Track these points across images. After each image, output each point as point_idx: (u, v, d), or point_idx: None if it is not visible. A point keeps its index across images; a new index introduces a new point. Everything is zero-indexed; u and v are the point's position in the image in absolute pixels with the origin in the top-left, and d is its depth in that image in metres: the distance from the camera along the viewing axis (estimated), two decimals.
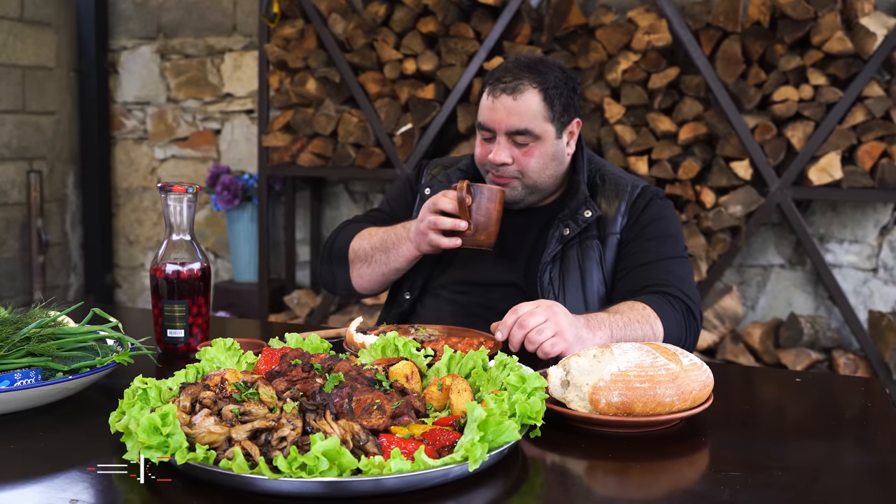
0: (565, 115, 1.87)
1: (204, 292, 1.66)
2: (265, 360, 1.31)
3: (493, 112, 1.83)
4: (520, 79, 1.82)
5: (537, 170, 1.86)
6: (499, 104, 1.82)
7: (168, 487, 1.03)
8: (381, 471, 0.96)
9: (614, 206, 1.90)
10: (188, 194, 1.63)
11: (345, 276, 2.00)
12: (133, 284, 4.62)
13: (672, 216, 1.92)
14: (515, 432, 1.06)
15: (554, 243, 1.87)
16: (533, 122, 1.82)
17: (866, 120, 3.14)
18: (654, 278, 1.79)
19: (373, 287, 1.99)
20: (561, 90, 1.85)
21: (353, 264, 1.97)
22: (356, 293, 2.02)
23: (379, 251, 1.91)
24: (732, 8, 3.19)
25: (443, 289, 1.98)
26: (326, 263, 2.04)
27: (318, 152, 3.71)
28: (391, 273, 1.93)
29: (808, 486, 1.09)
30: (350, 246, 1.98)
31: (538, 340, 1.49)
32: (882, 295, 3.43)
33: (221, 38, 4.26)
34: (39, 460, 1.12)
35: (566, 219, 1.88)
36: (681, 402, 1.24)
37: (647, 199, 1.90)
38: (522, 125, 1.81)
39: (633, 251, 1.86)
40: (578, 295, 1.85)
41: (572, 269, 1.87)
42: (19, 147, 4.15)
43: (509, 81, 1.82)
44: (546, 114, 1.83)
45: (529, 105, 1.81)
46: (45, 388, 1.26)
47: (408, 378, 1.26)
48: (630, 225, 1.89)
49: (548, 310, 1.52)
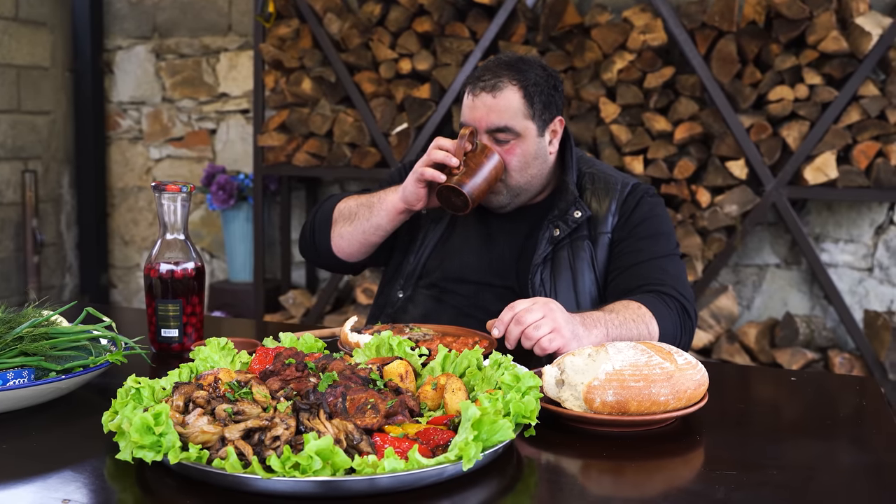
0: (546, 112, 1.86)
1: (198, 292, 1.66)
2: (259, 360, 1.31)
3: (474, 111, 1.83)
4: (499, 76, 1.82)
5: (519, 168, 1.85)
6: (479, 102, 1.82)
7: (161, 487, 1.03)
8: (374, 470, 0.96)
9: (605, 205, 1.89)
10: (182, 193, 1.62)
11: (325, 238, 1.98)
12: (128, 284, 4.61)
13: (664, 214, 1.91)
14: (510, 431, 1.05)
15: (544, 245, 1.86)
16: (513, 119, 1.81)
17: (861, 119, 3.15)
18: (648, 277, 1.78)
19: (351, 249, 1.95)
20: (541, 87, 1.84)
21: (336, 224, 1.96)
22: (334, 258, 1.99)
23: (364, 207, 1.91)
24: (728, 7, 3.19)
25: (434, 288, 1.97)
26: (309, 230, 2.04)
27: (314, 152, 3.70)
28: (371, 231, 1.90)
29: (803, 484, 1.09)
30: (336, 207, 1.98)
31: (535, 336, 1.49)
32: (877, 294, 3.43)
33: (217, 37, 4.25)
34: (32, 460, 1.11)
35: (556, 220, 1.87)
36: (675, 402, 1.23)
37: (638, 198, 1.90)
38: (503, 122, 1.81)
39: (625, 250, 1.85)
40: (570, 296, 1.85)
41: (563, 270, 1.86)
42: (14, 147, 4.14)
43: (488, 80, 1.82)
44: (526, 111, 1.83)
45: (510, 102, 1.81)
46: (37, 387, 1.26)
47: (402, 377, 1.25)
48: (621, 224, 1.88)
49: (545, 306, 1.51)
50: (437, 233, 1.99)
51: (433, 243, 1.99)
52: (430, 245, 1.98)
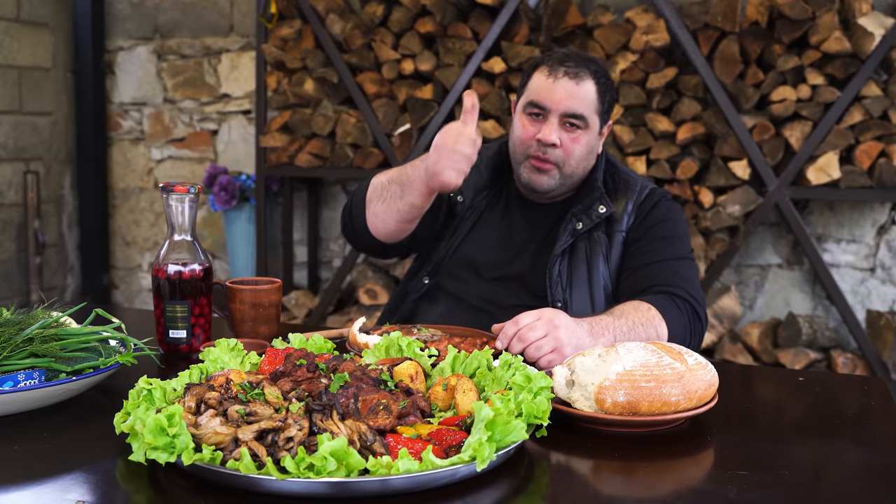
0: (607, 113, 1.93)
1: (206, 293, 1.66)
2: (269, 361, 1.31)
3: (552, 92, 1.85)
4: (581, 67, 1.86)
5: (579, 158, 1.89)
6: (559, 85, 1.84)
7: (174, 488, 1.03)
8: (388, 471, 0.96)
9: (622, 204, 1.92)
10: (190, 194, 1.62)
11: (361, 219, 1.92)
12: (130, 285, 4.61)
13: (679, 218, 1.93)
14: (523, 432, 1.05)
15: (566, 237, 1.89)
16: (588, 109, 1.86)
17: (864, 120, 3.15)
18: (660, 278, 1.79)
19: (387, 228, 1.89)
20: (609, 89, 1.91)
21: (370, 203, 1.91)
22: (372, 239, 1.93)
23: (395, 184, 1.85)
24: (730, 8, 3.19)
25: (455, 277, 1.98)
26: (348, 211, 1.98)
27: (316, 153, 3.70)
28: (406, 210, 1.83)
29: (815, 483, 1.09)
30: (371, 184, 1.93)
31: (536, 356, 1.49)
32: (880, 294, 3.43)
33: (218, 38, 4.25)
34: (44, 461, 1.11)
35: (580, 213, 1.90)
36: (686, 402, 1.24)
37: (655, 200, 1.92)
38: (580, 110, 1.85)
39: (639, 251, 1.87)
40: (585, 288, 1.87)
41: (580, 262, 1.88)
42: (16, 148, 4.13)
43: (572, 66, 1.85)
44: (598, 106, 1.88)
45: (588, 93, 1.85)
46: (48, 389, 1.26)
47: (412, 378, 1.26)
48: (637, 225, 1.90)
49: (548, 323, 1.50)
50: (470, 221, 2.01)
51: (466, 231, 2.00)
52: (462, 234, 2.00)
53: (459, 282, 1.97)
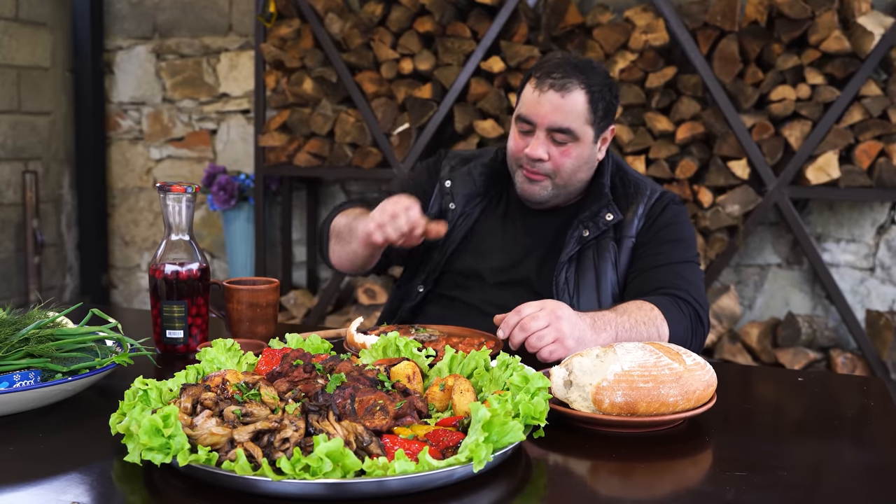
0: (604, 120, 1.87)
1: (203, 293, 1.65)
2: (266, 361, 1.30)
3: (538, 106, 1.82)
4: (569, 77, 1.81)
5: (570, 171, 1.86)
6: (545, 99, 1.81)
7: (169, 489, 1.02)
8: (385, 472, 0.95)
9: (632, 209, 1.90)
10: (187, 194, 1.62)
11: (326, 252, 2.03)
12: (129, 285, 4.60)
13: (686, 222, 1.93)
14: (520, 433, 1.05)
15: (572, 244, 1.87)
16: (576, 122, 1.82)
17: (864, 119, 3.14)
18: (665, 281, 1.79)
19: (344, 265, 1.99)
20: (605, 95, 1.85)
21: (331, 239, 2.00)
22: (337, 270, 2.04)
23: (347, 228, 1.92)
24: (730, 7, 3.19)
25: (455, 284, 1.97)
26: (318, 240, 2.09)
27: (315, 152, 3.70)
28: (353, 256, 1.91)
29: (814, 484, 1.09)
30: (333, 222, 2.00)
31: (537, 346, 1.49)
32: (879, 294, 3.43)
33: (217, 37, 4.24)
34: (39, 462, 1.11)
35: (587, 220, 1.88)
36: (684, 402, 1.23)
37: (665, 204, 1.91)
38: (566, 124, 1.81)
39: (646, 254, 1.87)
40: (593, 295, 1.86)
41: (588, 269, 1.87)
42: (14, 147, 4.13)
43: (558, 78, 1.81)
44: (589, 116, 1.83)
45: (575, 105, 1.81)
46: (44, 389, 1.25)
47: (409, 378, 1.25)
48: (646, 228, 1.89)
49: (551, 314, 1.51)
50: (463, 229, 1.99)
51: (459, 238, 1.99)
52: (456, 241, 1.98)
53: (464, 289, 1.96)
